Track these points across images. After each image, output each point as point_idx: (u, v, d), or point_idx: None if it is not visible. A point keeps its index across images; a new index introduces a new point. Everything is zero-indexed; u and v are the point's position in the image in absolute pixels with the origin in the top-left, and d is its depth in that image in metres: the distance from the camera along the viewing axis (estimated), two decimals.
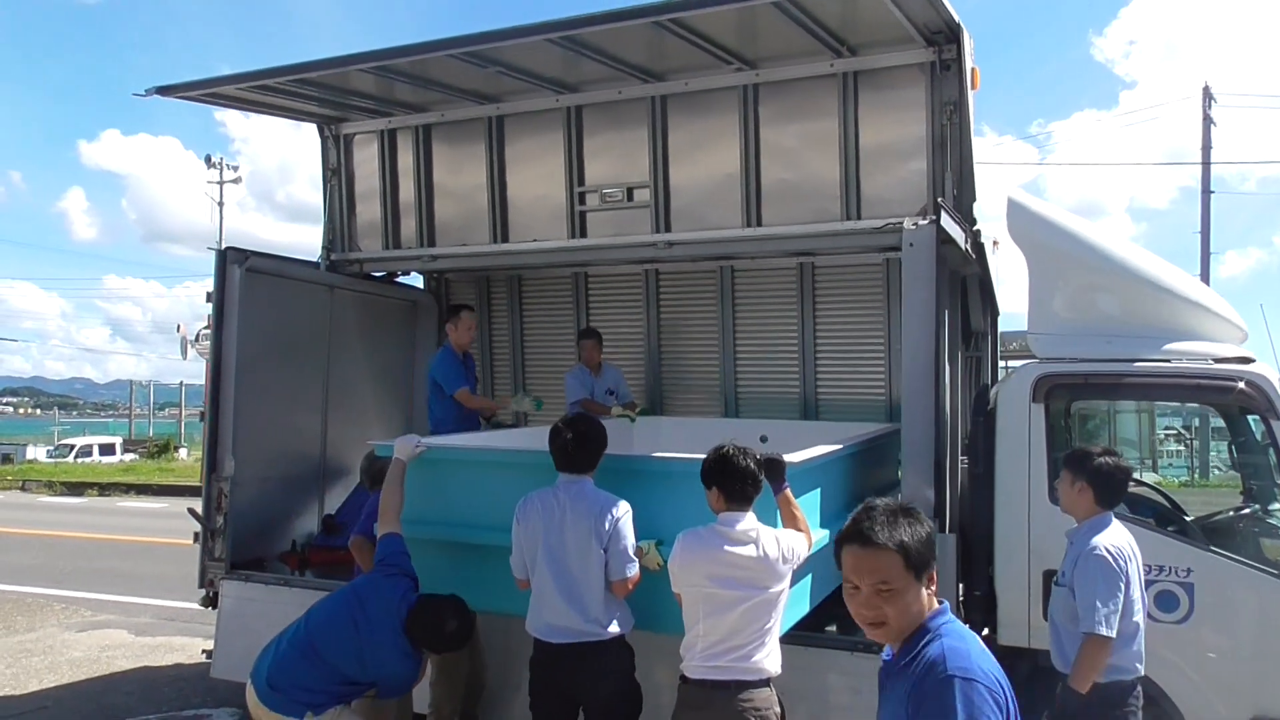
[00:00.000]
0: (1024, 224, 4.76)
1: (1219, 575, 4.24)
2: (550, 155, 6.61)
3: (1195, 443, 22.83)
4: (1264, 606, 4.18)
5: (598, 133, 6.49)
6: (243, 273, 6.23)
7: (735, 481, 3.54)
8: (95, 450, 29.91)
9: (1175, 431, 23.45)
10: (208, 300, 6.30)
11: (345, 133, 7.25)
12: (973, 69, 5.27)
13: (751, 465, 3.56)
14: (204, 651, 6.28)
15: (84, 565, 11.66)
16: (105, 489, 21.12)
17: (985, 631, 4.61)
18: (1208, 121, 22.33)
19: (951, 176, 5.33)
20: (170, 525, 15.37)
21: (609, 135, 6.46)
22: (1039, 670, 4.24)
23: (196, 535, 6.27)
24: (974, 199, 5.46)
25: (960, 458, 5.39)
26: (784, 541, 3.57)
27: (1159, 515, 4.79)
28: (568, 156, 6.54)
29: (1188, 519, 4.76)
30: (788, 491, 3.80)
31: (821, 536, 4.07)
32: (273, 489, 6.70)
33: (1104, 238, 4.73)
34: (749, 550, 3.49)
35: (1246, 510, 4.67)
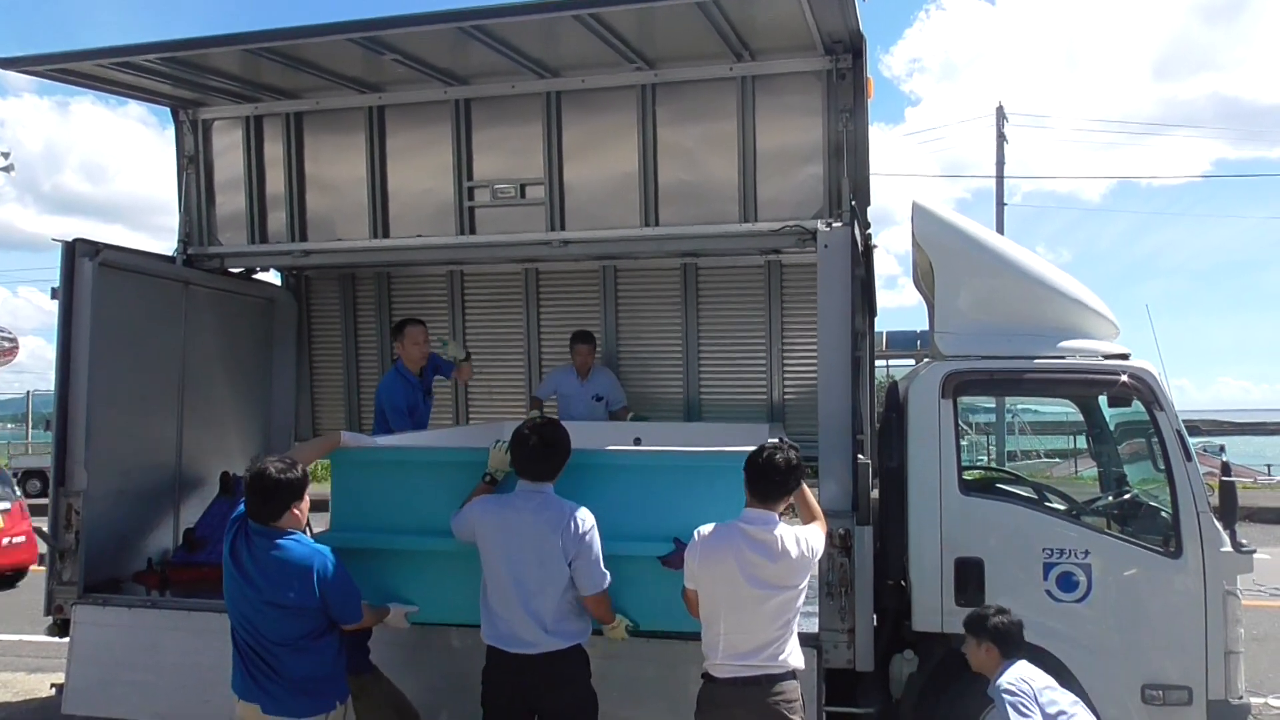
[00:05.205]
0: (930, 228, 4.99)
1: (1113, 556, 4.59)
2: (437, 149, 6.34)
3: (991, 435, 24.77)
4: (1152, 582, 4.55)
5: (488, 127, 6.28)
6: (95, 267, 5.69)
7: (770, 482, 3.55)
8: None
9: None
10: (53, 297, 5.72)
11: (204, 118, 6.72)
12: (868, 78, 5.47)
13: (786, 468, 3.55)
14: (53, 685, 5.65)
15: None
16: None
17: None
18: (1001, 139, 24.18)
19: (848, 182, 5.48)
20: None
21: (500, 130, 6.27)
22: (952, 654, 4.45)
23: (43, 558, 5.68)
24: (868, 203, 5.66)
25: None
26: (804, 539, 3.60)
27: (1044, 500, 5.14)
28: (456, 150, 6.30)
29: (1083, 505, 5.12)
30: (804, 485, 3.83)
31: None
32: (126, 503, 6.14)
33: (1003, 242, 5.03)
34: (772, 548, 3.50)
35: (1128, 495, 5.07)
